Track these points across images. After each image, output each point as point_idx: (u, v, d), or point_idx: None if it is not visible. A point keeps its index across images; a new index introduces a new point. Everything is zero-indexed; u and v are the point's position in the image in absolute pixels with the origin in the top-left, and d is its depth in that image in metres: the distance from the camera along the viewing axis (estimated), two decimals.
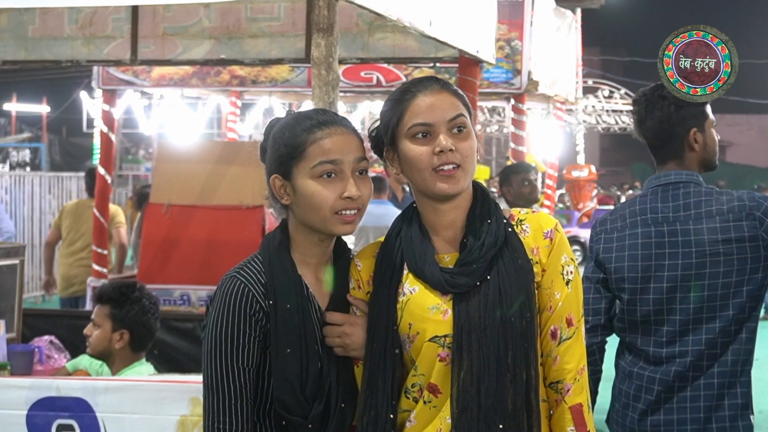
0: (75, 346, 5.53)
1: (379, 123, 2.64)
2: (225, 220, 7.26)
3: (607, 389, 3.68)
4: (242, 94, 12.09)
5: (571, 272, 2.59)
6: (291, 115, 2.66)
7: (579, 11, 13.99)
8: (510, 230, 2.56)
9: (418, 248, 2.56)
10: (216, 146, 9.54)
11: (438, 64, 6.82)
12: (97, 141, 15.77)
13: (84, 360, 4.90)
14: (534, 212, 2.65)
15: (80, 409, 3.83)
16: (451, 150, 2.50)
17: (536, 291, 2.55)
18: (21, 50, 6.45)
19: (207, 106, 18.68)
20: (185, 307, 7.19)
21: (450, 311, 2.50)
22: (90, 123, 26.89)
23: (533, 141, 16.15)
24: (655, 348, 3.46)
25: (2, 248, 5.57)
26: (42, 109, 35.16)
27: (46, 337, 5.72)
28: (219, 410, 2.50)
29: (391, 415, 2.53)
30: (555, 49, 10.70)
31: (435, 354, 2.51)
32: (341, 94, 9.39)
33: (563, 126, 16.66)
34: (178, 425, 3.75)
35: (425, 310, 2.53)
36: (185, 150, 8.19)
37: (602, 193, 29.11)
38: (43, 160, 31.78)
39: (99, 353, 4.62)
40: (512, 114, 10.57)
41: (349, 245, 2.77)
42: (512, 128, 10.57)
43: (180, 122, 19.66)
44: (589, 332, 3.50)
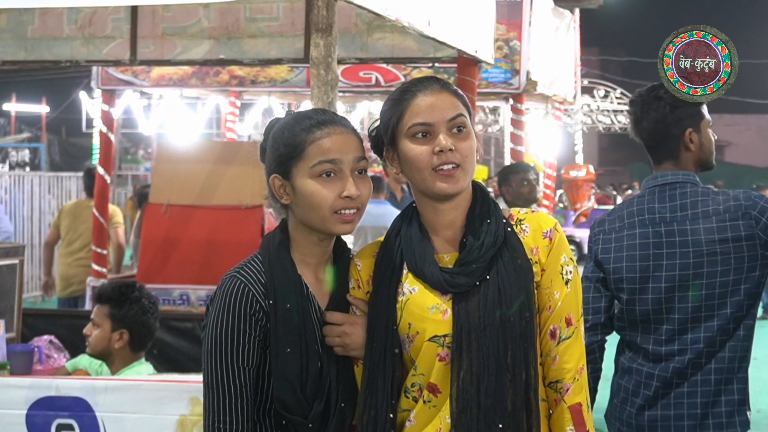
0: (74, 346, 5.53)
1: (379, 122, 2.64)
2: (224, 220, 7.26)
3: (607, 388, 3.69)
4: (241, 94, 12.08)
5: (571, 272, 2.59)
6: (290, 115, 2.66)
7: (577, 11, 14.01)
8: (509, 230, 2.57)
9: (418, 248, 2.56)
10: (215, 146, 9.53)
11: (437, 64, 6.81)
12: (97, 141, 15.75)
13: (83, 359, 4.90)
14: (533, 212, 2.65)
15: (80, 409, 3.83)
16: (451, 150, 2.50)
17: (535, 291, 2.55)
18: (20, 50, 6.44)
19: (206, 106, 18.70)
20: (184, 307, 7.18)
21: (449, 311, 2.51)
22: (89, 123, 26.90)
23: (532, 141, 16.15)
24: (655, 346, 3.48)
25: (2, 248, 5.57)
26: (41, 109, 35.17)
27: (46, 337, 5.72)
28: (219, 410, 2.51)
29: (391, 415, 2.53)
30: (553, 49, 10.70)
31: (434, 354, 2.52)
32: (340, 94, 9.38)
33: (562, 126, 16.64)
34: (178, 425, 3.75)
35: (425, 310, 2.53)
36: (184, 150, 8.18)
37: (599, 193, 29.10)
38: (43, 160, 31.78)
39: (98, 353, 4.62)
40: (511, 114, 10.57)
41: (348, 245, 2.78)
42: (511, 128, 10.58)
43: (179, 122, 19.68)
44: (589, 331, 3.51)
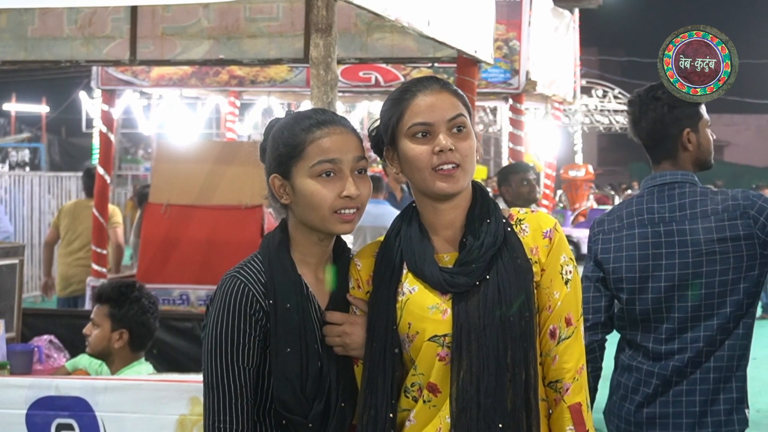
0: (74, 346, 5.53)
1: (379, 122, 2.64)
2: (224, 220, 7.26)
3: (607, 386, 3.70)
4: (241, 94, 12.08)
5: (570, 272, 2.59)
6: (290, 115, 2.66)
7: (577, 11, 14.02)
8: (509, 230, 2.57)
9: (418, 248, 2.56)
10: (215, 146, 9.53)
11: (436, 64, 6.81)
12: (97, 141, 15.75)
13: (83, 359, 4.90)
14: (533, 212, 2.65)
15: (80, 409, 3.83)
16: (451, 149, 2.50)
17: (535, 290, 2.55)
18: (20, 50, 6.44)
19: (206, 106, 18.69)
20: (184, 307, 7.18)
21: (449, 311, 2.51)
22: (89, 123, 26.91)
23: (531, 141, 16.15)
24: (655, 344, 3.49)
25: (2, 248, 5.57)
26: (41, 109, 35.17)
27: (46, 337, 5.72)
28: (219, 409, 2.51)
29: (391, 415, 2.53)
30: (553, 49, 10.70)
31: (434, 353, 2.52)
32: (340, 94, 9.38)
33: (561, 126, 16.64)
34: (178, 424, 3.75)
35: (425, 310, 2.53)
36: (184, 150, 8.18)
37: (596, 193, 29.08)
38: (43, 160, 31.78)
39: (98, 353, 4.62)
40: (510, 114, 10.57)
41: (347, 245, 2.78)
42: (510, 128, 10.58)
43: (179, 122, 19.67)
44: (590, 330, 3.52)
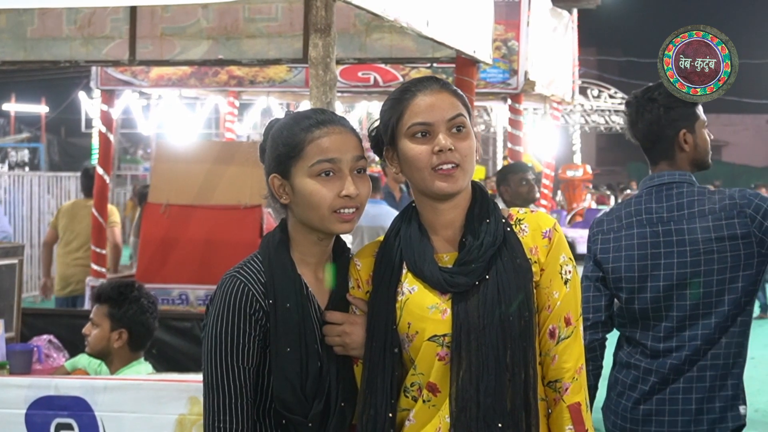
0: (74, 346, 5.53)
1: (379, 122, 2.64)
2: (223, 220, 7.25)
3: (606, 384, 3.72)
4: (240, 95, 12.07)
5: (570, 272, 2.60)
6: (290, 115, 2.66)
7: (575, 11, 14.01)
8: (509, 230, 2.57)
9: (417, 247, 2.56)
10: (214, 146, 9.53)
11: (435, 65, 6.80)
12: (96, 141, 15.78)
13: (83, 359, 4.90)
14: (532, 212, 2.66)
15: (79, 408, 3.83)
16: (451, 149, 2.50)
17: (535, 290, 2.56)
18: (20, 51, 6.44)
19: (205, 107, 18.72)
20: (183, 307, 7.18)
21: (449, 310, 2.51)
22: (88, 123, 26.93)
23: (530, 141, 16.16)
24: (653, 342, 3.52)
25: (1, 248, 5.57)
26: (41, 110, 35.19)
27: (45, 337, 5.72)
28: (219, 409, 2.51)
29: (390, 414, 2.53)
30: (551, 50, 10.70)
31: (434, 353, 2.52)
32: (339, 94, 9.39)
33: (560, 126, 16.65)
34: (177, 424, 3.75)
35: (424, 310, 2.53)
36: (183, 150, 8.17)
37: (595, 193, 29.05)
38: (42, 160, 31.78)
39: (98, 352, 4.63)
40: (509, 114, 10.58)
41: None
42: (509, 128, 10.58)
43: (178, 122, 19.67)
44: (590, 329, 3.54)
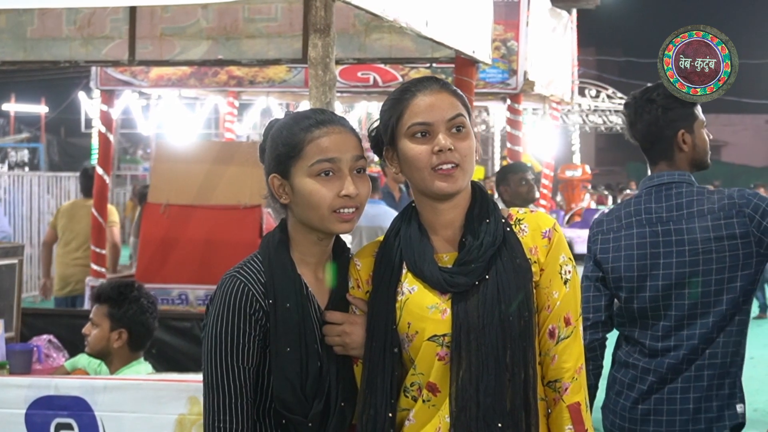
0: (74, 345, 5.53)
1: (379, 122, 2.65)
2: (223, 220, 7.25)
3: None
4: (240, 95, 12.07)
5: (569, 272, 2.60)
6: (289, 115, 2.66)
7: (574, 12, 14.03)
8: (508, 230, 2.57)
9: (417, 247, 2.56)
10: (214, 146, 9.53)
11: (434, 65, 6.81)
12: (96, 141, 15.75)
13: (82, 359, 4.91)
14: (532, 212, 2.66)
15: (79, 408, 3.83)
16: (450, 149, 2.50)
17: (534, 290, 2.56)
18: (19, 51, 6.44)
19: (205, 107, 18.71)
20: (183, 307, 7.17)
21: (449, 310, 2.51)
22: (88, 123, 26.94)
23: (529, 141, 16.14)
24: (651, 341, 3.53)
25: (1, 248, 5.57)
26: (40, 110, 35.19)
27: (45, 336, 5.72)
28: (219, 409, 2.51)
29: (390, 414, 2.54)
30: (551, 50, 10.71)
31: (434, 353, 2.52)
32: (338, 95, 9.38)
33: (559, 126, 16.64)
34: (177, 424, 3.75)
35: (424, 309, 2.53)
36: (183, 150, 8.17)
37: (592, 193, 29.00)
38: (42, 160, 31.78)
39: (97, 352, 4.63)
40: (508, 114, 10.58)
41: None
42: (508, 128, 10.59)
43: (178, 122, 19.66)
44: (591, 329, 3.56)
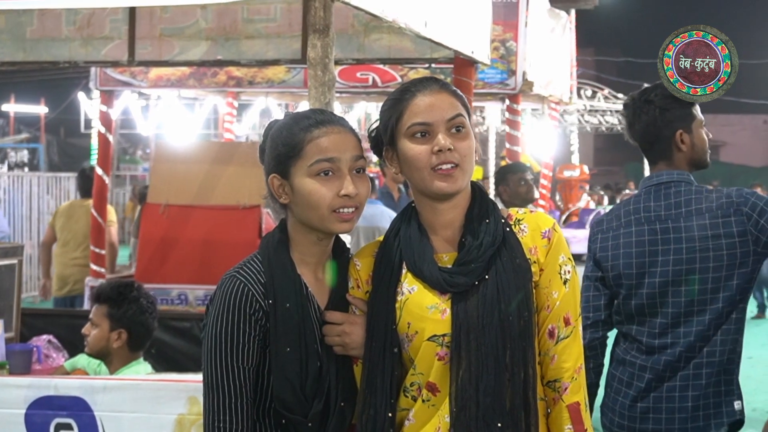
0: (73, 346, 5.52)
1: (379, 122, 2.65)
2: (222, 220, 7.25)
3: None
4: (239, 95, 12.07)
5: (569, 272, 2.60)
6: (289, 116, 2.67)
7: (573, 12, 14.03)
8: (508, 230, 2.57)
9: (417, 247, 2.57)
10: (213, 146, 9.54)
11: (433, 65, 6.81)
12: (95, 141, 15.76)
13: (82, 359, 4.91)
14: (531, 212, 2.66)
15: (78, 408, 3.83)
16: (450, 149, 2.51)
17: (534, 290, 2.56)
18: (19, 51, 6.43)
19: (204, 107, 18.67)
20: (182, 307, 7.18)
21: (448, 310, 2.51)
22: (88, 124, 26.90)
23: (527, 141, 16.13)
24: (648, 339, 3.55)
25: (1, 248, 5.57)
26: (40, 110, 35.15)
27: (45, 337, 5.72)
28: (219, 409, 2.51)
29: (390, 414, 2.54)
30: (549, 50, 10.72)
31: (434, 353, 2.52)
32: (337, 95, 9.39)
33: (557, 126, 16.64)
34: (176, 424, 3.76)
35: (424, 309, 2.54)
36: (182, 150, 8.17)
37: (592, 194, 28.97)
38: (41, 161, 31.76)
39: (97, 352, 4.63)
40: (507, 114, 10.59)
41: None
42: (507, 128, 10.60)
43: (177, 123, 19.62)
44: (591, 327, 3.59)
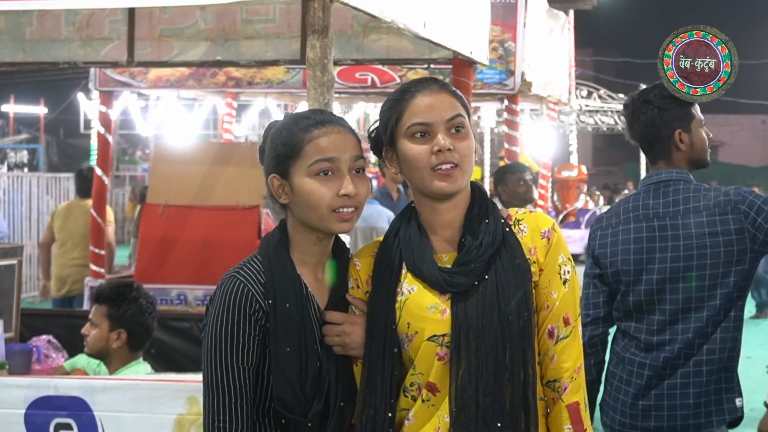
0: (73, 346, 5.52)
1: (378, 123, 2.65)
2: (221, 221, 7.26)
3: None
4: (238, 96, 12.05)
5: (568, 272, 2.60)
6: (289, 116, 2.67)
7: (572, 13, 14.02)
8: (508, 230, 2.58)
9: (417, 248, 2.57)
10: (212, 147, 9.55)
11: (432, 65, 6.81)
12: (95, 142, 15.76)
13: (81, 359, 4.91)
14: (531, 212, 2.67)
15: (78, 408, 3.83)
16: (450, 149, 2.51)
17: (534, 290, 2.57)
18: (19, 52, 6.43)
19: (203, 108, 18.66)
20: (182, 307, 7.18)
21: (448, 310, 2.52)
22: (87, 124, 26.89)
23: (526, 141, 16.13)
24: (647, 335, 3.57)
25: (1, 248, 5.57)
26: (39, 111, 35.10)
27: (44, 337, 5.71)
28: (219, 409, 2.52)
29: (390, 414, 2.54)
30: (548, 50, 10.71)
31: (433, 353, 2.53)
32: (336, 95, 9.39)
33: (556, 126, 16.64)
34: (176, 424, 3.76)
35: (424, 310, 2.54)
36: (182, 151, 8.18)
37: (587, 194, 28.94)
38: (41, 161, 31.71)
39: (96, 352, 4.63)
40: (506, 115, 10.58)
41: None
42: (506, 128, 10.59)
43: (176, 123, 19.63)
44: (591, 325, 3.61)
